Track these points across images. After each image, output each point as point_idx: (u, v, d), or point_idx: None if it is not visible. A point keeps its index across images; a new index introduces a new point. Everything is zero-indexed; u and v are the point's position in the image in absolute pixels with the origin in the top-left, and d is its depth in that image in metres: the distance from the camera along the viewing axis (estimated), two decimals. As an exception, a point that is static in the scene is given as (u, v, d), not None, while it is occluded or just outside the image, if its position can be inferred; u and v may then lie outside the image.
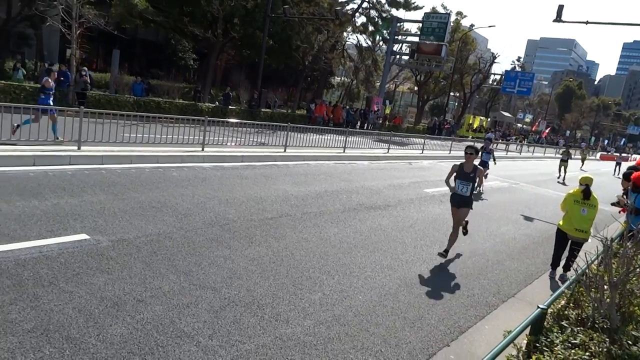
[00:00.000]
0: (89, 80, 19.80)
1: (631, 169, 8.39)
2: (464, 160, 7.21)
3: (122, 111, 13.95)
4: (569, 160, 22.95)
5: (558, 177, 22.31)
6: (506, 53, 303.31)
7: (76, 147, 10.46)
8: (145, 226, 6.52)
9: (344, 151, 18.32)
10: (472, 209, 7.49)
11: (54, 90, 12.33)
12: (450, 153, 25.67)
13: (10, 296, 4.19)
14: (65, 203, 6.98)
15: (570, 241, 7.36)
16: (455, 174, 7.25)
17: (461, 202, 7.28)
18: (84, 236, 5.80)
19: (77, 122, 10.82)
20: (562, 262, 7.59)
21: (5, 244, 5.23)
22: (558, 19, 24.22)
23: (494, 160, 15.78)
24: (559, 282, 7.13)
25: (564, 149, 24.26)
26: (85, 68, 20.34)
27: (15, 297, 4.18)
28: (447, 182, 7.50)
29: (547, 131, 72.28)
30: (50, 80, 11.97)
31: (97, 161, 10.10)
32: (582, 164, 33.33)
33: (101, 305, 4.28)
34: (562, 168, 22.50)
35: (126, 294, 4.56)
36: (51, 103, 11.96)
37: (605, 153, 58.47)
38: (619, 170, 31.11)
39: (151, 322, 4.15)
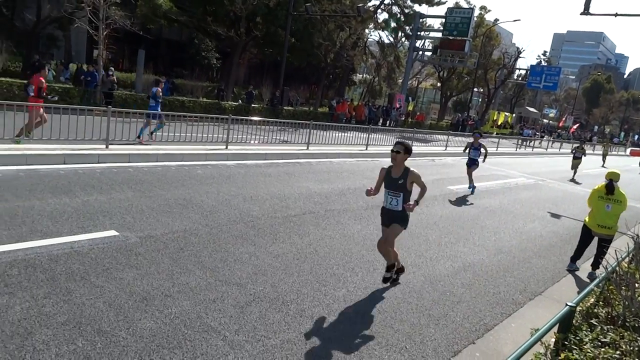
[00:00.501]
0: (115, 80, 20.20)
1: None
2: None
3: (148, 110, 14.18)
4: (583, 158, 20.73)
5: (572, 178, 19.93)
6: (532, 47, 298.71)
7: (104, 146, 10.70)
8: (172, 223, 6.64)
9: (366, 148, 18.28)
10: (405, 228, 5.50)
11: (161, 99, 13.58)
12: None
13: (44, 290, 4.33)
14: (95, 200, 7.16)
15: (597, 238, 7.23)
16: (383, 182, 5.54)
17: (391, 218, 5.46)
18: (113, 232, 5.94)
19: (104, 121, 11.06)
20: (591, 260, 7.46)
21: (39, 239, 5.40)
22: (586, 11, 23.65)
23: (485, 157, 13.52)
24: (588, 280, 7.00)
25: (578, 144, 21.80)
26: (112, 68, 20.73)
27: (49, 291, 4.32)
28: (368, 193, 5.50)
29: (575, 127, 70.50)
30: (160, 89, 13.49)
31: (124, 159, 10.31)
32: (604, 161, 30.73)
33: (130, 300, 4.39)
34: (576, 166, 20.39)
35: (154, 289, 4.66)
36: (159, 109, 13.36)
37: (636, 149, 56.89)
38: None
39: (179, 316, 4.23)
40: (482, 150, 13.32)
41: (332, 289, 5.32)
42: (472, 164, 13.04)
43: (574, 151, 20.94)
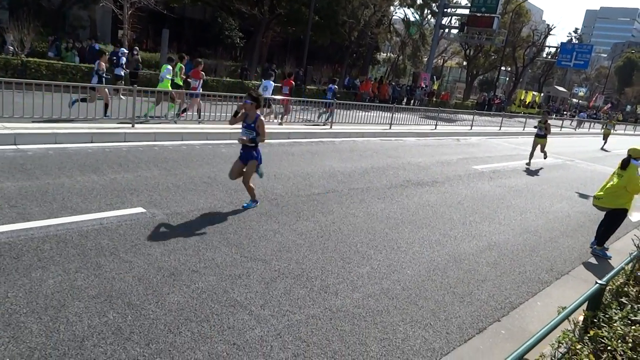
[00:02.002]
0: (140, 60, 20.36)
1: None
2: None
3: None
4: (547, 137, 15.05)
5: (527, 163, 14.82)
6: (562, 24, 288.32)
7: (130, 125, 10.85)
8: (197, 200, 6.72)
9: (390, 128, 18.10)
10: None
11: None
12: (500, 129, 24.88)
13: (76, 264, 4.45)
14: (122, 178, 7.29)
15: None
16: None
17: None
18: (140, 209, 6.06)
19: (130, 101, 11.18)
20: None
21: (69, 216, 5.54)
22: (621, -16, 22.68)
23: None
24: (592, 254, 6.87)
25: (540, 118, 16.73)
26: (137, 48, 20.88)
27: (80, 266, 4.44)
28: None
29: (606, 107, 68.35)
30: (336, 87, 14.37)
31: (150, 138, 10.44)
32: (605, 142, 25.48)
33: (159, 275, 4.48)
34: (536, 147, 14.97)
35: (181, 265, 4.74)
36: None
37: None
38: None
39: (206, 291, 4.31)
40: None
41: (356, 266, 5.34)
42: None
43: (536, 127, 15.74)
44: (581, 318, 3.45)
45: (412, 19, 44.62)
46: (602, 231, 7.13)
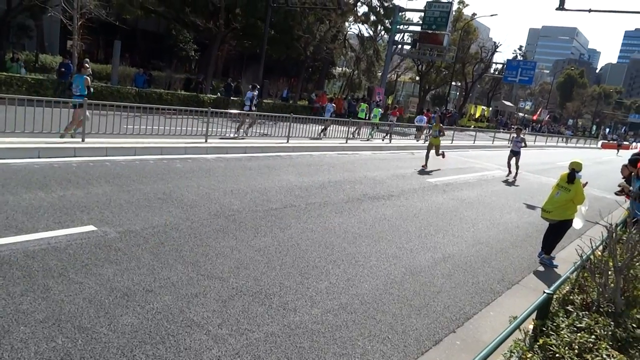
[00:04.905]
0: (91, 72, 19.76)
1: (637, 155, 8.42)
2: None
3: (124, 103, 13.95)
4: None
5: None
6: (508, 42, 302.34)
7: (80, 139, 10.49)
8: (152, 217, 6.56)
9: (346, 142, 18.32)
10: None
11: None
12: (452, 143, 25.64)
13: (21, 287, 4.24)
14: (72, 195, 7.03)
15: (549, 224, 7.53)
16: None
17: None
18: (91, 228, 5.85)
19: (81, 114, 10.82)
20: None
21: (14, 235, 5.28)
22: (561, 7, 24.02)
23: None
24: (540, 263, 7.21)
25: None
26: (87, 59, 20.28)
27: (26, 288, 4.23)
28: None
29: (547, 118, 72.63)
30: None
31: (101, 153, 10.13)
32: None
33: (111, 296, 4.33)
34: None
35: (135, 285, 4.61)
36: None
37: (606, 141, 58.47)
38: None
39: (161, 311, 4.20)
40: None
41: (315, 281, 5.34)
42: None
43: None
44: (531, 327, 3.59)
45: (366, 34, 45.52)
46: (550, 241, 7.45)
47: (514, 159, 16.15)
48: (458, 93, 72.26)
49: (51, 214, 6.12)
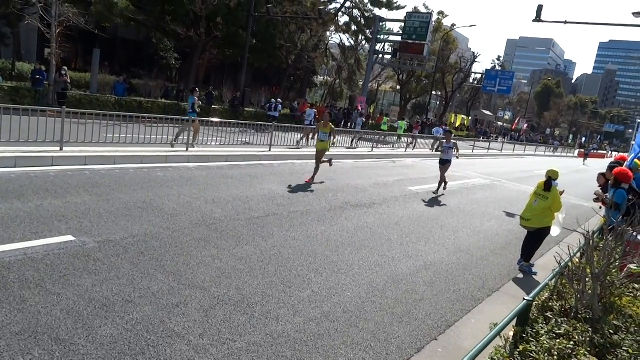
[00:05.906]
0: (69, 80, 19.51)
1: (614, 163, 8.62)
2: None
3: (104, 111, 13.79)
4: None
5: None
6: (487, 52, 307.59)
7: (58, 148, 10.32)
8: (132, 227, 6.48)
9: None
10: None
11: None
12: (433, 151, 25.91)
13: (-3, 299, 4.14)
14: (49, 204, 6.90)
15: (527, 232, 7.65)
16: None
17: None
18: (69, 238, 5.74)
19: (58, 122, 10.66)
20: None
21: (-11, 246, 5.16)
22: (538, 19, 24.59)
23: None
24: (519, 270, 7.32)
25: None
26: (65, 68, 20.02)
27: (1, 300, 4.13)
28: None
29: (525, 127, 74.13)
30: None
31: (80, 162, 9.97)
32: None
33: (90, 307, 4.25)
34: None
35: (115, 295, 4.53)
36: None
37: (582, 150, 59.84)
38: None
39: (141, 322, 4.14)
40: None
41: (297, 290, 5.33)
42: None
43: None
44: (511, 334, 3.64)
45: (347, 44, 45.91)
46: (530, 248, 7.56)
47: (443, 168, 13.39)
48: (438, 102, 73.19)
49: (28, 224, 6.00)
